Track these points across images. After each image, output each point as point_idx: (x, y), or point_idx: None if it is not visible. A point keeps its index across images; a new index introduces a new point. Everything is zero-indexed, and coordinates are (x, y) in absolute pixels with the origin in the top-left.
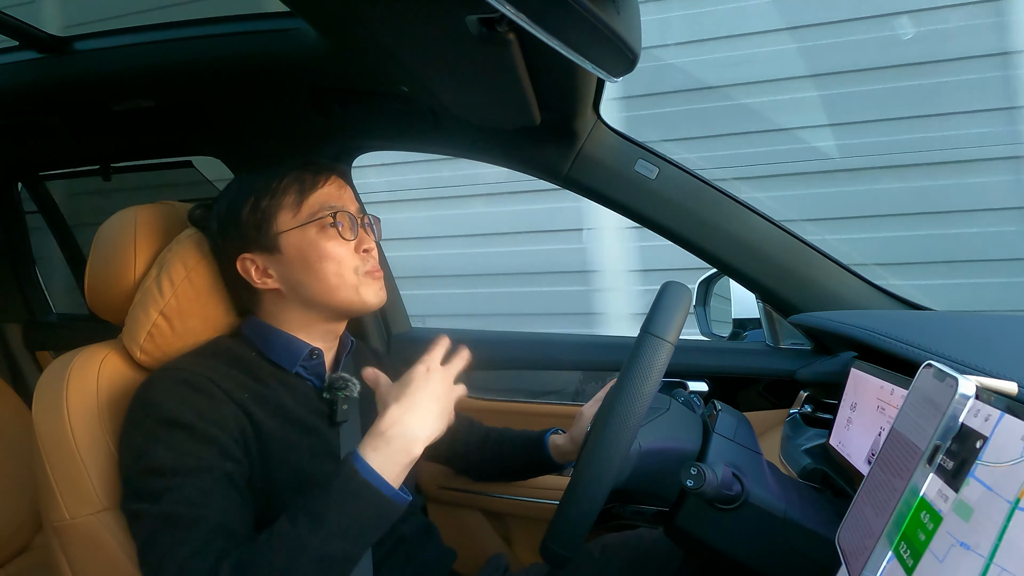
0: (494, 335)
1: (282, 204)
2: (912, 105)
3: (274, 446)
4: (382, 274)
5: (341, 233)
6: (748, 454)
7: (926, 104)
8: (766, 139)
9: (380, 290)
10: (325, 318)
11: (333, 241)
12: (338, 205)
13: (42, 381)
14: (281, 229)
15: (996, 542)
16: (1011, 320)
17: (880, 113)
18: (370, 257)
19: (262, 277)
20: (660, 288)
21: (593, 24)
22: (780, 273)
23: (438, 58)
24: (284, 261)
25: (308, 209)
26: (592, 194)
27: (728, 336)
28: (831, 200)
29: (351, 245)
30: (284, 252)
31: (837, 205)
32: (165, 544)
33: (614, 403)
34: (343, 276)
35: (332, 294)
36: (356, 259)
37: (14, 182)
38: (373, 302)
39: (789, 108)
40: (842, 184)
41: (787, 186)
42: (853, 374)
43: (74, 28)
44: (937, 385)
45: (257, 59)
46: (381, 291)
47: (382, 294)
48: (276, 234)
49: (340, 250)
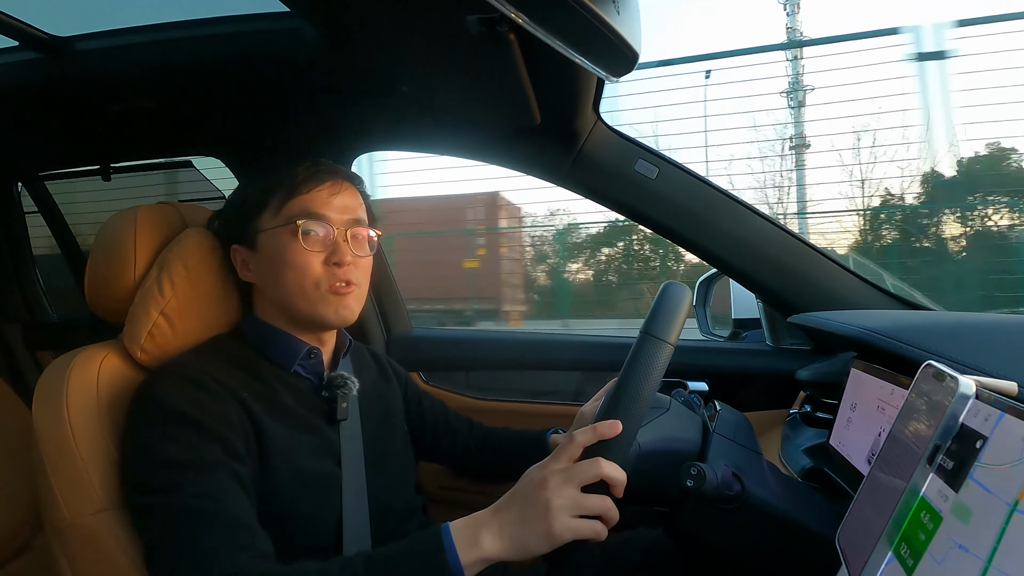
0: (494, 335)
1: (268, 203)
2: None
3: (274, 444)
4: (351, 291)
5: (304, 243)
6: (748, 454)
7: None
8: None
9: (343, 308)
10: (295, 322)
11: (300, 249)
12: (318, 213)
13: (42, 381)
14: (261, 228)
15: (995, 545)
16: (1011, 320)
17: None
18: (339, 272)
19: (243, 270)
20: (660, 289)
21: (593, 24)
22: (780, 273)
23: (438, 58)
24: (259, 259)
25: (287, 212)
26: (592, 194)
27: (728, 336)
28: None
29: (319, 256)
30: (259, 250)
31: None
32: (183, 536)
33: (613, 405)
34: (303, 287)
35: (291, 302)
36: (320, 272)
37: (14, 182)
38: (331, 319)
39: None
40: None
41: None
42: (853, 374)
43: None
44: (937, 385)
45: (257, 59)
46: (344, 309)
47: (345, 312)
48: (256, 231)
49: (305, 259)
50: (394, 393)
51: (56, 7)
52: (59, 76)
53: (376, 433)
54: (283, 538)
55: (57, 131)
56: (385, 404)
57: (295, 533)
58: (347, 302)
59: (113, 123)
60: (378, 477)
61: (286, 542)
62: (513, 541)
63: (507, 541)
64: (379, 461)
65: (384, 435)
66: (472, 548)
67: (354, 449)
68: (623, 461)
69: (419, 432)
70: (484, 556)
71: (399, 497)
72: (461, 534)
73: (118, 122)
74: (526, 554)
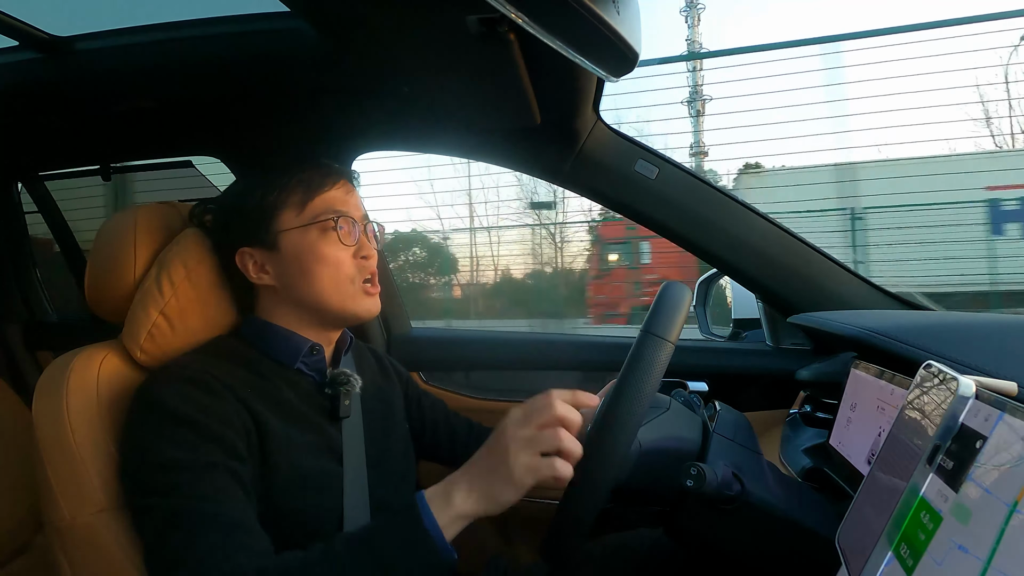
0: (494, 335)
1: (287, 202)
2: None
3: (276, 442)
4: (378, 289)
5: (341, 238)
6: (748, 454)
7: None
8: None
9: (374, 304)
10: (317, 321)
11: (333, 245)
12: (342, 210)
13: (42, 381)
14: (283, 228)
15: (994, 545)
16: (1011, 320)
17: None
18: (368, 264)
19: (259, 273)
20: (660, 288)
21: (593, 24)
22: (780, 273)
23: (438, 58)
24: (282, 260)
25: (312, 211)
26: (592, 193)
27: (728, 336)
28: None
29: (350, 251)
30: (283, 251)
31: None
32: (182, 537)
33: (614, 403)
34: (338, 282)
35: (324, 298)
36: (353, 266)
37: (14, 182)
38: (363, 315)
39: None
40: None
41: None
42: (853, 374)
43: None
44: (937, 385)
45: (257, 59)
46: (375, 305)
47: (374, 308)
48: (277, 232)
49: (338, 255)
50: (395, 392)
51: (56, 7)
52: (59, 76)
53: (377, 431)
54: (284, 536)
55: (57, 131)
56: (386, 402)
57: (296, 531)
58: (376, 298)
59: (113, 123)
60: (379, 475)
61: (287, 540)
62: (483, 493)
63: (477, 494)
64: (380, 459)
65: (385, 433)
66: (446, 507)
67: (356, 447)
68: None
69: (419, 432)
70: (459, 512)
71: (400, 495)
72: (435, 497)
73: (118, 122)
74: (497, 505)
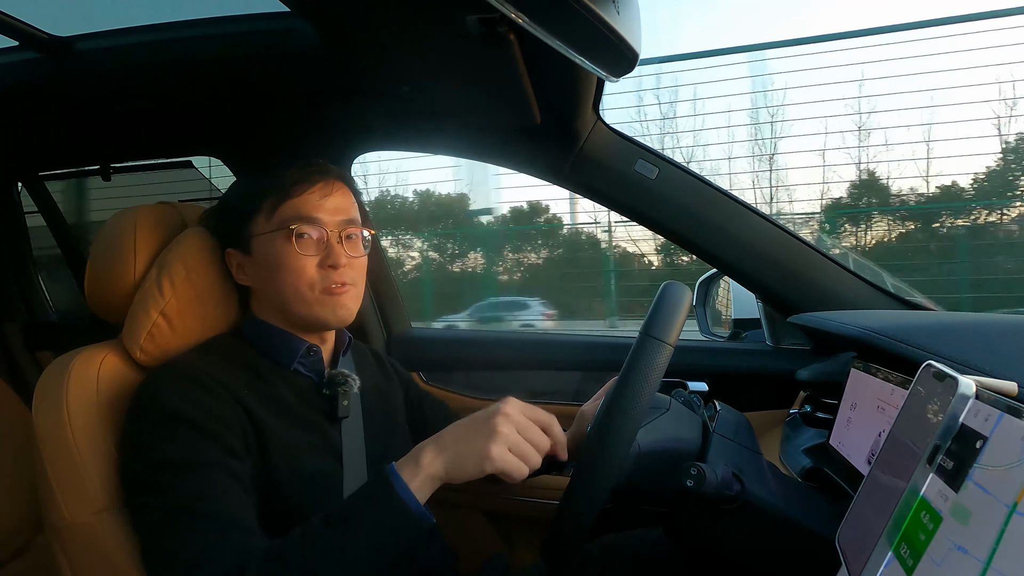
0: (494, 335)
1: (260, 207)
2: None
3: (274, 442)
4: (346, 291)
5: (299, 246)
6: (748, 454)
7: None
8: None
9: (340, 308)
10: (296, 323)
11: (293, 254)
12: (312, 216)
13: (42, 381)
14: (254, 232)
15: (994, 546)
16: (1011, 320)
17: None
18: (334, 274)
19: (239, 273)
20: (660, 289)
21: (593, 24)
22: (780, 273)
23: (438, 58)
24: (254, 263)
25: (279, 216)
26: (592, 193)
27: (728, 336)
28: None
29: (313, 260)
30: (254, 254)
31: None
32: (177, 535)
33: (614, 404)
34: (299, 290)
35: (288, 304)
36: (315, 275)
37: (14, 182)
38: (330, 320)
39: None
40: None
41: None
42: (853, 374)
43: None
44: (937, 385)
45: (257, 59)
46: (342, 308)
47: (343, 312)
48: (250, 236)
49: (300, 263)
50: (395, 392)
51: (56, 7)
52: (59, 76)
53: (377, 431)
54: (284, 536)
55: (57, 131)
56: (386, 402)
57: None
58: (343, 301)
59: (113, 123)
60: None
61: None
62: (451, 455)
63: (447, 454)
64: (380, 459)
65: (385, 433)
66: (415, 469)
67: (355, 447)
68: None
69: (421, 434)
70: (428, 473)
71: None
72: (405, 463)
73: (118, 122)
74: (460, 472)
